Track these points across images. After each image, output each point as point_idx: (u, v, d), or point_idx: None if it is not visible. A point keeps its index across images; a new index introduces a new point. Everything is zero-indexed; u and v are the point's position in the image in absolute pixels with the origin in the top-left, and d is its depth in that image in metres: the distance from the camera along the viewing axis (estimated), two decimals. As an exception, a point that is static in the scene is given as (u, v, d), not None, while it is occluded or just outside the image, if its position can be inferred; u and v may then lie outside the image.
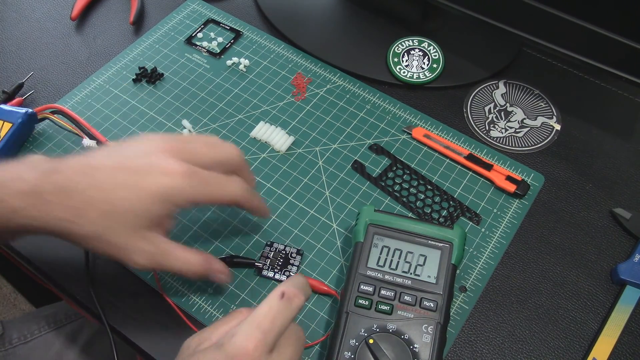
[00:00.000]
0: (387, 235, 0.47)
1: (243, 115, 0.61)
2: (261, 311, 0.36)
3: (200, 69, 0.64)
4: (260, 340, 0.35)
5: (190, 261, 0.42)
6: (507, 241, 0.53)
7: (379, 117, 0.61)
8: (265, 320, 0.35)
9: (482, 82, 0.65)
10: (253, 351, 0.34)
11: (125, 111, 0.61)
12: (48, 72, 0.64)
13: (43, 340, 0.69)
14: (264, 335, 0.35)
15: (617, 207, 0.55)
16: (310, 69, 0.65)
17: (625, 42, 0.51)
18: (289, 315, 0.37)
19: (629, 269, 0.50)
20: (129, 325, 0.48)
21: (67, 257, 0.51)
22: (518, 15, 0.56)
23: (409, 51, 0.65)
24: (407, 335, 0.42)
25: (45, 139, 0.58)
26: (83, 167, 0.39)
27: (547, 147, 0.60)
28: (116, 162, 0.40)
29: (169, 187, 0.39)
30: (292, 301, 0.37)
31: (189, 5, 0.71)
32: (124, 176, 0.39)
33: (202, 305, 0.48)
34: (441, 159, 0.58)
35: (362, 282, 0.45)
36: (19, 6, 0.71)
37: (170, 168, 0.39)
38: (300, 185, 0.56)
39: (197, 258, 0.42)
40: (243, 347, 0.34)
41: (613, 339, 0.47)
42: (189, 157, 0.41)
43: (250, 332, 0.35)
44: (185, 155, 0.41)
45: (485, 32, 0.66)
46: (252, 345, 0.34)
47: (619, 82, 0.62)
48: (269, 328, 0.35)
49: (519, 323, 0.49)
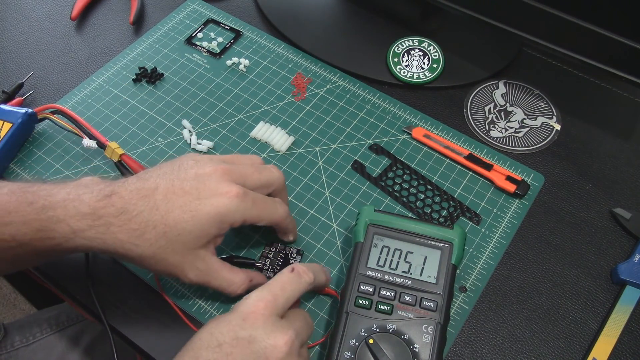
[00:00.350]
0: (387, 235, 0.47)
1: (243, 115, 0.61)
2: (272, 280, 0.41)
3: (200, 69, 0.64)
4: (270, 302, 0.39)
5: (235, 282, 0.44)
6: (507, 241, 0.53)
7: (379, 117, 0.61)
8: (276, 286, 0.40)
9: (482, 82, 0.65)
10: (263, 309, 0.38)
11: (125, 111, 0.61)
12: (48, 72, 0.64)
13: (45, 343, 0.69)
14: (273, 297, 0.39)
15: (617, 207, 0.55)
16: (310, 69, 0.65)
17: (625, 42, 0.51)
18: (297, 287, 0.41)
19: (629, 269, 0.50)
20: (129, 325, 0.48)
21: (67, 257, 0.51)
22: (518, 15, 0.56)
23: (409, 51, 0.65)
24: (407, 335, 0.42)
25: (45, 139, 0.58)
26: (141, 190, 0.41)
27: (547, 147, 0.60)
28: (175, 186, 0.42)
29: (225, 208, 0.41)
30: (301, 276, 0.42)
31: (189, 5, 0.71)
32: (183, 200, 0.41)
33: (202, 305, 0.48)
34: (441, 159, 0.58)
35: (362, 282, 0.45)
36: (19, 6, 0.71)
37: (226, 190, 0.42)
38: (300, 185, 0.56)
39: (240, 279, 0.45)
40: (254, 306, 0.39)
41: (613, 339, 0.47)
42: (240, 180, 0.43)
43: (262, 294, 0.39)
44: (236, 178, 0.43)
45: (485, 32, 0.66)
46: (262, 304, 0.39)
47: (619, 82, 0.62)
48: (279, 293, 0.40)
49: (519, 323, 0.49)
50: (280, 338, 0.38)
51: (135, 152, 0.57)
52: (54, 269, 0.51)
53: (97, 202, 0.40)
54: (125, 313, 0.48)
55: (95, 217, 0.40)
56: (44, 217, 0.40)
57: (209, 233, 0.41)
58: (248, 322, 0.38)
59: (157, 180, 0.42)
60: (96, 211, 0.40)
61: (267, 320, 0.38)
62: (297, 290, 0.41)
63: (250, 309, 0.39)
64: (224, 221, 0.41)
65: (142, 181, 0.42)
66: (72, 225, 0.40)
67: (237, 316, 0.39)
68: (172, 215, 0.40)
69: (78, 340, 0.70)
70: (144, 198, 0.41)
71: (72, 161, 0.57)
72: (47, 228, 0.40)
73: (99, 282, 0.50)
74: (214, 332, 0.38)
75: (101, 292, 0.49)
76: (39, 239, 0.41)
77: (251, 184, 0.44)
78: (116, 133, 0.59)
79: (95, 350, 0.69)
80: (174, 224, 0.40)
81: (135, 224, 0.40)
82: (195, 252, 0.42)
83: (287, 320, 0.40)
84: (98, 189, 0.41)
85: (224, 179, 0.42)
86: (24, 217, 0.40)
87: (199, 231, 0.41)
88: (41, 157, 0.57)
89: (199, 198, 0.41)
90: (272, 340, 0.38)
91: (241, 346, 0.37)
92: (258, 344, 0.37)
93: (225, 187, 0.42)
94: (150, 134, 0.59)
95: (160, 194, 0.41)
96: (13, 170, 0.56)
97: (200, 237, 0.41)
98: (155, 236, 0.40)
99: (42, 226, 0.40)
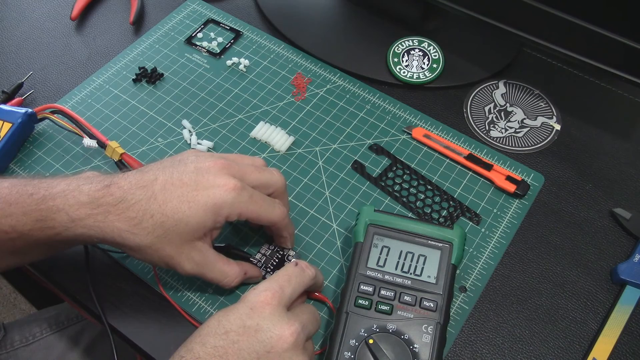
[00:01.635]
0: (387, 235, 0.47)
1: (243, 115, 0.61)
2: (278, 272, 0.42)
3: (200, 69, 0.64)
4: (277, 292, 0.40)
5: (230, 274, 0.45)
6: (507, 241, 0.53)
7: (379, 117, 0.61)
8: (282, 277, 0.41)
9: (482, 82, 0.65)
10: (271, 299, 0.39)
11: (125, 111, 0.61)
12: (48, 72, 0.64)
13: (45, 343, 0.69)
14: (280, 288, 0.40)
15: (617, 207, 0.55)
16: (310, 69, 0.65)
17: (626, 42, 0.51)
18: (302, 280, 0.42)
19: (629, 269, 0.50)
20: (129, 325, 0.48)
21: (67, 257, 0.51)
22: (518, 15, 0.56)
23: (409, 51, 0.65)
24: (407, 335, 0.42)
25: (45, 139, 0.58)
26: (140, 181, 0.42)
27: (547, 147, 0.60)
28: (174, 177, 0.42)
29: (221, 200, 0.41)
30: (304, 270, 0.43)
31: (189, 5, 0.71)
32: (181, 190, 0.41)
33: (202, 305, 0.48)
34: (441, 159, 0.58)
35: (362, 282, 0.45)
36: (19, 6, 0.71)
37: (224, 183, 0.42)
38: (300, 185, 0.56)
39: (235, 271, 0.45)
40: (262, 296, 0.39)
41: (613, 339, 0.47)
42: (238, 175, 0.44)
43: (269, 285, 0.40)
44: (235, 172, 0.44)
45: (485, 32, 0.66)
46: (270, 294, 0.39)
47: (619, 82, 0.62)
48: (286, 284, 0.41)
49: (519, 323, 0.49)
50: (286, 329, 0.38)
51: (135, 152, 0.57)
52: (54, 269, 0.51)
53: (96, 191, 0.41)
54: (125, 313, 0.48)
55: (93, 205, 0.41)
56: (44, 207, 0.41)
57: (205, 225, 0.42)
58: (255, 312, 0.39)
59: (156, 172, 0.42)
60: (95, 200, 0.41)
61: (274, 311, 0.39)
62: (302, 283, 0.42)
63: (258, 299, 0.39)
64: (219, 213, 0.42)
65: (142, 173, 0.43)
66: (71, 214, 0.40)
67: (244, 305, 0.39)
68: (169, 205, 0.41)
69: (78, 340, 0.70)
70: (142, 188, 0.41)
71: (72, 161, 0.57)
72: (46, 218, 0.41)
73: (99, 282, 0.50)
74: (222, 320, 0.39)
75: (101, 292, 0.49)
76: (39, 228, 0.41)
77: (250, 181, 0.44)
78: (116, 133, 0.59)
79: (95, 350, 0.69)
80: (171, 214, 0.41)
81: (133, 212, 0.40)
82: (191, 243, 0.42)
83: (294, 313, 0.40)
84: (98, 180, 0.42)
85: (223, 172, 0.43)
86: (24, 208, 0.41)
87: (196, 222, 0.41)
88: (41, 157, 0.57)
89: (196, 189, 0.41)
90: (279, 330, 0.38)
91: (248, 334, 0.38)
92: (264, 333, 0.38)
93: (223, 180, 0.42)
94: (150, 134, 0.59)
95: (159, 185, 0.41)
96: (13, 170, 0.56)
97: (197, 228, 0.41)
98: (153, 225, 0.41)
99: (41, 216, 0.41)
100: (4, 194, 0.42)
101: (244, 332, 0.38)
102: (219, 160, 0.43)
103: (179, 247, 0.42)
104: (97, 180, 0.42)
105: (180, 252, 0.42)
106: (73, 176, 0.43)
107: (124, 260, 0.50)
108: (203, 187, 0.41)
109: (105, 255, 0.51)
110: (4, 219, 0.41)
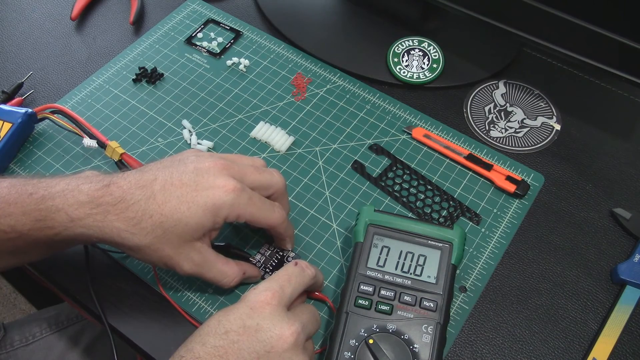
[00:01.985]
0: (387, 235, 0.47)
1: (243, 115, 0.61)
2: (278, 272, 0.42)
3: (200, 69, 0.64)
4: (277, 292, 0.40)
5: (228, 274, 0.45)
6: (507, 241, 0.53)
7: (379, 117, 0.61)
8: (282, 277, 0.41)
9: (482, 82, 0.65)
10: (271, 299, 0.39)
11: (125, 111, 0.61)
12: (48, 72, 0.64)
13: (44, 343, 0.69)
14: (280, 287, 0.40)
15: (617, 207, 0.55)
16: (310, 69, 0.65)
17: (626, 42, 0.51)
18: (302, 279, 0.42)
19: (629, 269, 0.50)
20: (129, 325, 0.48)
21: (67, 257, 0.51)
22: (518, 15, 0.56)
23: (409, 51, 0.65)
24: (407, 335, 0.42)
25: (45, 139, 0.58)
26: (139, 181, 0.42)
27: (547, 147, 0.60)
28: (173, 177, 0.42)
29: (220, 201, 0.41)
30: (304, 269, 0.43)
31: (189, 5, 0.71)
32: (180, 191, 0.41)
33: (202, 305, 0.48)
34: (441, 159, 0.58)
35: (362, 282, 0.45)
36: (19, 6, 0.71)
37: (223, 184, 0.42)
38: (300, 185, 0.56)
39: (234, 271, 0.45)
40: (262, 296, 0.39)
41: (613, 339, 0.47)
42: (238, 176, 0.44)
43: (269, 285, 0.40)
44: (235, 173, 0.43)
45: (485, 32, 0.66)
46: (270, 294, 0.40)
47: (619, 82, 0.62)
48: (286, 283, 0.41)
49: (519, 323, 0.49)
50: (286, 328, 0.38)
51: (135, 152, 0.57)
52: (53, 269, 0.51)
53: (95, 191, 0.41)
54: (125, 313, 0.48)
55: (93, 205, 0.41)
56: (43, 207, 0.41)
57: (204, 225, 0.42)
58: (255, 312, 0.39)
59: (156, 172, 0.42)
60: (94, 200, 0.41)
61: (274, 310, 0.39)
62: (301, 283, 0.42)
63: (258, 299, 0.39)
64: (218, 214, 0.42)
65: (141, 173, 0.43)
66: (70, 213, 0.40)
67: (244, 305, 0.39)
68: (168, 206, 0.41)
69: (78, 340, 0.70)
70: (141, 188, 0.41)
71: (72, 161, 0.57)
72: (46, 217, 0.41)
73: (99, 282, 0.50)
74: (222, 320, 0.39)
75: (101, 292, 0.49)
76: (38, 228, 0.41)
77: (249, 182, 0.44)
78: (116, 133, 0.59)
79: (95, 350, 0.69)
80: (170, 214, 0.41)
81: (132, 212, 0.40)
82: (190, 243, 0.42)
83: (294, 313, 0.40)
84: (97, 180, 0.42)
85: (223, 173, 0.43)
86: (23, 208, 0.41)
87: (195, 223, 0.41)
88: (41, 157, 0.57)
89: (196, 190, 0.41)
90: (279, 330, 0.38)
91: (248, 334, 0.38)
92: (264, 333, 0.38)
93: (223, 180, 0.42)
94: (150, 134, 0.59)
95: (158, 185, 0.41)
96: (13, 170, 0.56)
97: (195, 229, 0.41)
98: (152, 225, 0.41)
99: (41, 216, 0.41)
100: (4, 194, 0.42)
101: (244, 332, 0.38)
102: (219, 161, 0.43)
103: (177, 248, 0.42)
104: (96, 180, 0.42)
105: (179, 253, 0.42)
106: (72, 176, 0.43)
107: (124, 260, 0.50)
108: (202, 188, 0.41)
109: (105, 255, 0.51)
110: (3, 218, 0.41)
